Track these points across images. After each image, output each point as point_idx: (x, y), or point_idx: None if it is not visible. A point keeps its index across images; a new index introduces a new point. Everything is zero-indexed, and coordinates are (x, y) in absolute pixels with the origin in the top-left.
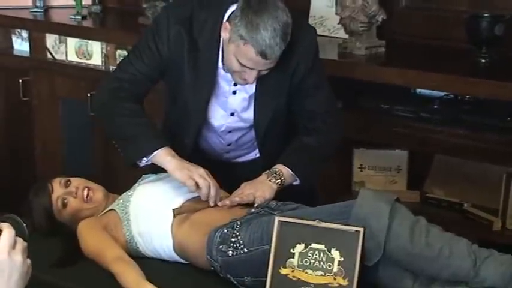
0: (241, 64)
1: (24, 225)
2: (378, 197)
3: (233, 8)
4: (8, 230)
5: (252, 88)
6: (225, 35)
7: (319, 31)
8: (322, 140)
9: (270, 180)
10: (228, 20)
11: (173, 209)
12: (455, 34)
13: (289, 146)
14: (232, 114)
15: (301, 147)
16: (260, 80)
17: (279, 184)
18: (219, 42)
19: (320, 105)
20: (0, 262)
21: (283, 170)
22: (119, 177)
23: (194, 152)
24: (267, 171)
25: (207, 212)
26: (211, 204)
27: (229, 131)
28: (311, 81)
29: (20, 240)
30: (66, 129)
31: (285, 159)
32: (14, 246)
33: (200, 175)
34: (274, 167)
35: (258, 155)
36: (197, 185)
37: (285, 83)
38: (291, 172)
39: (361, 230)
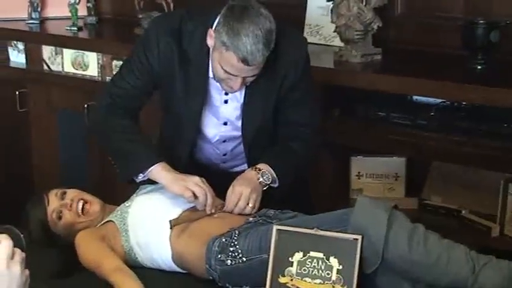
0: (225, 71)
1: (22, 236)
2: (375, 205)
3: None
4: (6, 241)
5: (242, 97)
6: (210, 42)
7: (314, 39)
8: (305, 148)
9: (259, 180)
10: (213, 28)
11: (170, 220)
12: (451, 41)
13: (275, 147)
14: (225, 124)
15: (286, 151)
16: (249, 90)
17: (266, 184)
18: (208, 51)
19: (304, 118)
20: None
21: (270, 172)
22: (116, 188)
23: (191, 163)
24: (255, 170)
25: (205, 221)
26: (208, 212)
27: (224, 141)
28: (298, 93)
29: (18, 251)
30: (63, 140)
31: (272, 161)
32: (12, 257)
33: (195, 183)
34: (262, 166)
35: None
36: (194, 195)
37: (273, 93)
38: (275, 175)
39: (359, 238)
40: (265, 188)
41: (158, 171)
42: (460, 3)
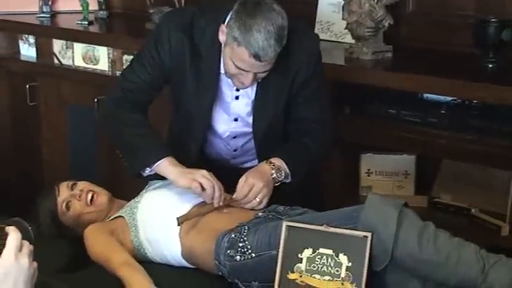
0: (236, 67)
1: (30, 228)
2: (385, 202)
3: None
4: (14, 233)
5: (253, 93)
6: (222, 38)
7: (325, 36)
8: (317, 144)
9: (272, 176)
10: (225, 23)
11: (177, 218)
12: (462, 39)
13: (288, 143)
14: (236, 120)
15: (299, 146)
16: (260, 86)
17: (279, 181)
18: (220, 47)
19: (315, 114)
20: (6, 265)
21: (284, 168)
22: (125, 182)
23: (201, 158)
24: (269, 164)
25: (214, 216)
26: (216, 205)
27: (234, 137)
28: (310, 89)
29: (26, 243)
30: (72, 134)
31: (285, 156)
32: (20, 249)
33: (203, 175)
34: (276, 161)
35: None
36: (202, 187)
37: (284, 89)
38: (288, 171)
39: (369, 235)
40: (277, 184)
41: (165, 165)
42: (472, 1)
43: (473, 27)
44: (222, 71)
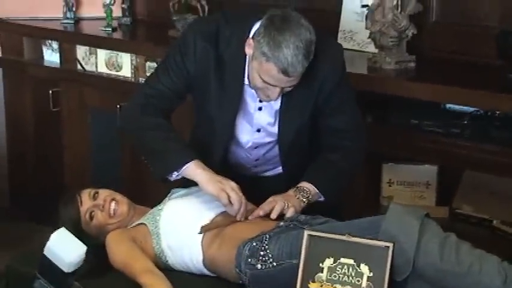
0: (264, 81)
1: None
2: (407, 212)
3: (258, 24)
4: None
5: (277, 104)
6: (248, 51)
7: (348, 45)
8: (347, 157)
9: (297, 198)
10: (252, 36)
11: (202, 226)
12: (486, 50)
13: (314, 163)
14: (258, 131)
15: (326, 165)
16: (285, 96)
17: (306, 201)
18: (245, 58)
19: (345, 124)
20: None
21: (309, 188)
22: (148, 188)
23: (222, 166)
24: (293, 189)
25: (237, 226)
26: (238, 219)
27: (256, 147)
28: (336, 99)
29: None
30: (95, 140)
31: (310, 176)
32: None
33: (232, 188)
34: (300, 184)
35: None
36: (229, 198)
37: (310, 100)
38: (316, 190)
39: (390, 245)
40: (307, 202)
41: (193, 168)
42: (496, 12)
43: (497, 38)
44: (246, 81)
